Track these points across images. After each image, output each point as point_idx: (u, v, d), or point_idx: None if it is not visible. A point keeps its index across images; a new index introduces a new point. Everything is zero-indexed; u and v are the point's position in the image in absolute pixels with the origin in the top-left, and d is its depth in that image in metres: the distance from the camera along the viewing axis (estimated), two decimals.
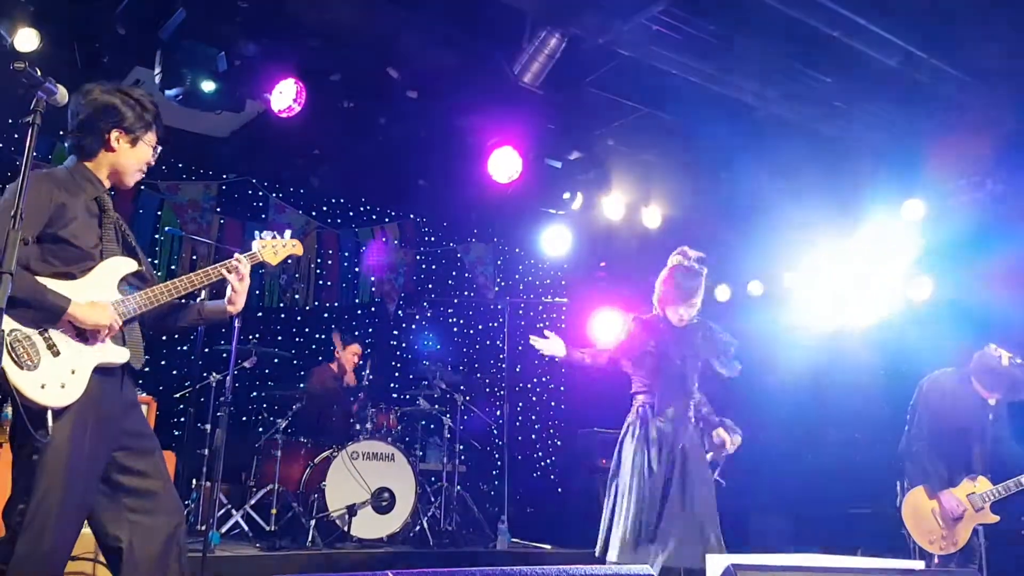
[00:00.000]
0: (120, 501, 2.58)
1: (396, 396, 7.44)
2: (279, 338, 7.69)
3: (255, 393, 7.25)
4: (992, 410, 4.70)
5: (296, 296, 7.92)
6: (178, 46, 5.01)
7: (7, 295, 2.18)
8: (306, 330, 7.97)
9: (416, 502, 6.13)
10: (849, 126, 5.95)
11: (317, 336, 8.01)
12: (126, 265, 2.70)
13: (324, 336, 7.99)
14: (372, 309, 8.42)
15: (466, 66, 5.58)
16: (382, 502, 5.97)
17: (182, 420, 6.63)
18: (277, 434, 6.09)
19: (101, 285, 2.61)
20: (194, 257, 7.34)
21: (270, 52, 5.32)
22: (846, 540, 5.68)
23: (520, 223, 8.59)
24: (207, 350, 6.05)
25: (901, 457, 4.79)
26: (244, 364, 6.09)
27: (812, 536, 5.86)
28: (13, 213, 2.25)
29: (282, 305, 7.86)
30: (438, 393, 6.93)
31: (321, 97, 5.60)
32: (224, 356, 5.57)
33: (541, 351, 4.38)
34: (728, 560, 2.74)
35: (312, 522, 5.72)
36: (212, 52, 5.03)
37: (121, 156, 2.74)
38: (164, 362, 7.02)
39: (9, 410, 2.49)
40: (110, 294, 2.62)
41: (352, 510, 5.78)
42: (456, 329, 8.91)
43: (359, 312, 8.33)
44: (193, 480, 5.87)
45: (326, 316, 8.11)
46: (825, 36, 4.87)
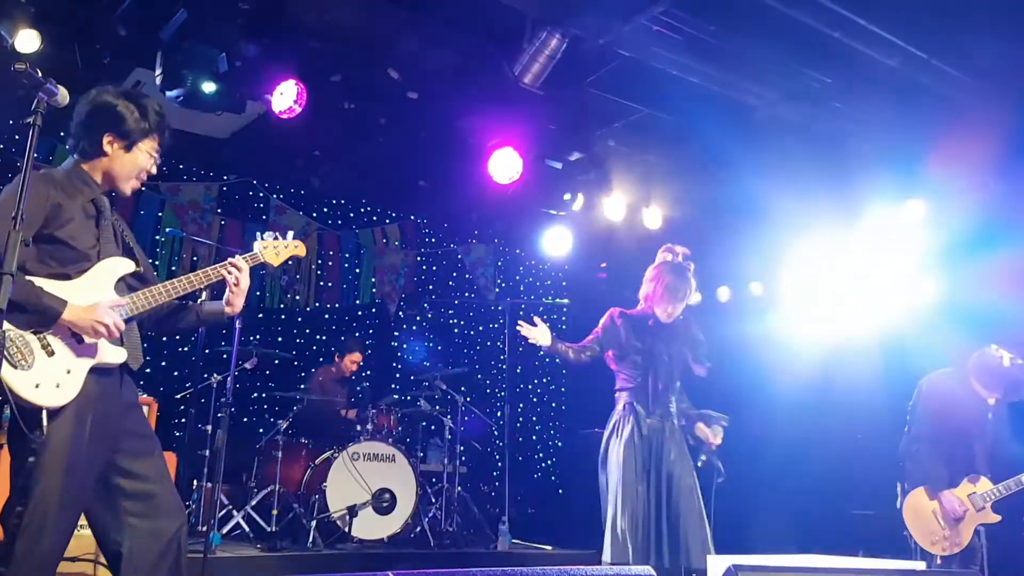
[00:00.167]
0: (120, 505, 2.57)
1: (397, 397, 7.43)
2: (280, 339, 7.69)
3: (256, 394, 7.27)
4: (992, 410, 4.70)
5: (297, 297, 7.92)
6: (179, 47, 5.00)
7: (7, 297, 2.18)
8: (307, 331, 7.97)
9: (417, 503, 6.13)
10: (849, 127, 5.94)
11: (318, 337, 8.01)
12: (124, 266, 2.68)
13: (325, 337, 7.99)
14: (373, 310, 8.42)
15: (466, 67, 5.58)
16: (383, 503, 5.96)
17: (183, 421, 6.63)
18: (278, 435, 6.09)
19: (97, 286, 2.59)
20: (195, 258, 7.34)
21: (271, 53, 5.32)
22: (847, 541, 5.68)
23: (521, 224, 8.59)
24: (208, 351, 6.05)
25: (901, 458, 4.79)
26: (245, 365, 6.09)
27: (813, 537, 5.84)
28: (14, 214, 2.24)
29: (283, 306, 7.86)
30: (439, 394, 6.93)
31: (322, 98, 5.60)
32: (225, 357, 5.57)
33: (528, 338, 4.40)
34: (729, 561, 2.74)
35: (313, 523, 5.72)
36: (213, 53, 5.02)
37: (115, 162, 2.70)
38: (165, 363, 7.02)
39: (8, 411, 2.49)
40: (106, 294, 2.60)
41: (353, 511, 5.79)
42: (457, 330, 8.91)
43: (360, 313, 8.33)
44: (194, 481, 5.87)
45: (327, 317, 8.12)
46: (825, 37, 4.86)
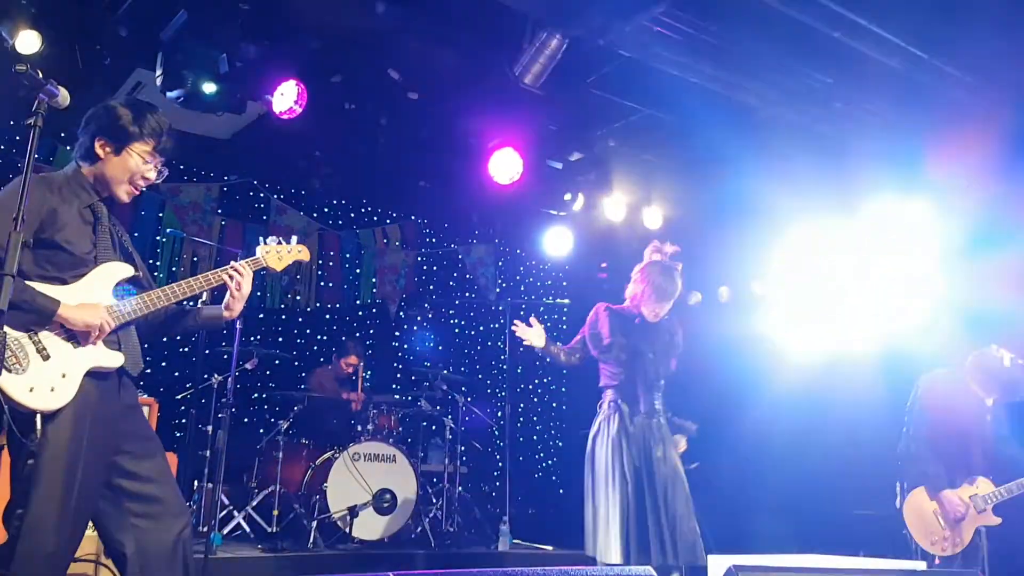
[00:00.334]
0: (124, 506, 2.57)
1: (397, 397, 7.43)
2: (280, 339, 7.69)
3: (257, 395, 7.26)
4: (990, 410, 4.68)
5: (297, 297, 7.92)
6: (179, 48, 5.00)
7: (8, 298, 2.18)
8: (307, 331, 7.97)
9: (417, 503, 6.13)
10: (850, 127, 5.94)
11: (319, 337, 8.00)
12: (121, 271, 2.68)
13: (325, 338, 7.99)
14: (373, 311, 8.42)
15: (467, 67, 5.58)
16: (383, 503, 5.96)
17: (184, 422, 6.63)
18: (279, 436, 6.10)
19: (93, 290, 2.59)
20: (195, 259, 7.35)
21: (271, 54, 5.32)
22: (848, 541, 5.67)
23: (521, 224, 8.60)
24: (208, 352, 6.06)
25: (900, 457, 4.78)
26: (245, 366, 6.09)
27: (814, 537, 5.84)
28: (15, 216, 2.25)
29: (283, 306, 7.86)
30: (439, 394, 6.93)
31: (322, 99, 5.60)
32: (225, 358, 5.57)
33: (522, 338, 4.42)
34: (729, 561, 2.74)
35: (314, 523, 5.71)
36: (213, 54, 5.02)
37: (107, 166, 2.68)
38: (166, 364, 7.03)
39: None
40: (103, 298, 2.60)
41: (354, 511, 5.79)
42: (457, 330, 8.91)
43: (360, 314, 8.33)
44: (195, 482, 5.87)
45: (327, 318, 8.12)
46: (826, 37, 4.86)
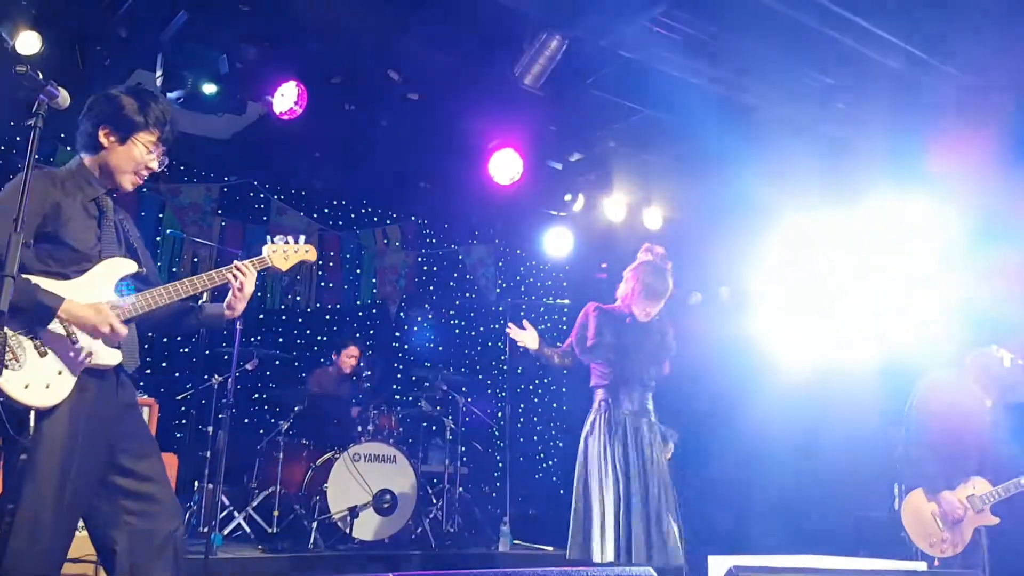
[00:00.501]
0: (117, 504, 2.55)
1: (398, 398, 7.43)
2: (280, 340, 7.69)
3: (257, 395, 7.26)
4: (989, 412, 4.67)
5: (298, 298, 7.92)
6: (180, 48, 5.01)
7: (9, 298, 2.18)
8: (308, 332, 7.97)
9: (418, 504, 6.13)
10: (850, 126, 5.95)
11: (319, 338, 8.00)
12: (125, 266, 2.66)
13: (326, 338, 7.99)
14: (374, 311, 8.42)
15: (467, 68, 5.58)
16: (384, 504, 5.97)
17: (184, 422, 6.63)
18: (279, 436, 6.10)
19: (96, 286, 2.57)
20: (195, 259, 7.35)
21: (271, 55, 5.32)
22: (848, 542, 5.67)
23: (521, 225, 8.60)
24: (209, 352, 6.07)
25: (899, 460, 4.77)
26: (246, 366, 6.10)
27: (814, 538, 5.84)
28: (15, 216, 2.24)
29: (284, 307, 7.86)
30: (440, 395, 6.93)
31: (322, 99, 5.60)
32: (226, 358, 5.58)
33: (516, 341, 4.44)
34: (730, 562, 2.74)
35: (314, 524, 5.71)
36: (214, 55, 5.03)
37: (111, 155, 2.68)
38: (166, 364, 7.03)
39: None
40: (106, 295, 2.58)
41: (354, 512, 5.78)
42: (458, 331, 8.91)
43: (360, 314, 8.33)
44: (195, 482, 5.86)
45: (328, 318, 8.12)
46: (826, 37, 4.86)
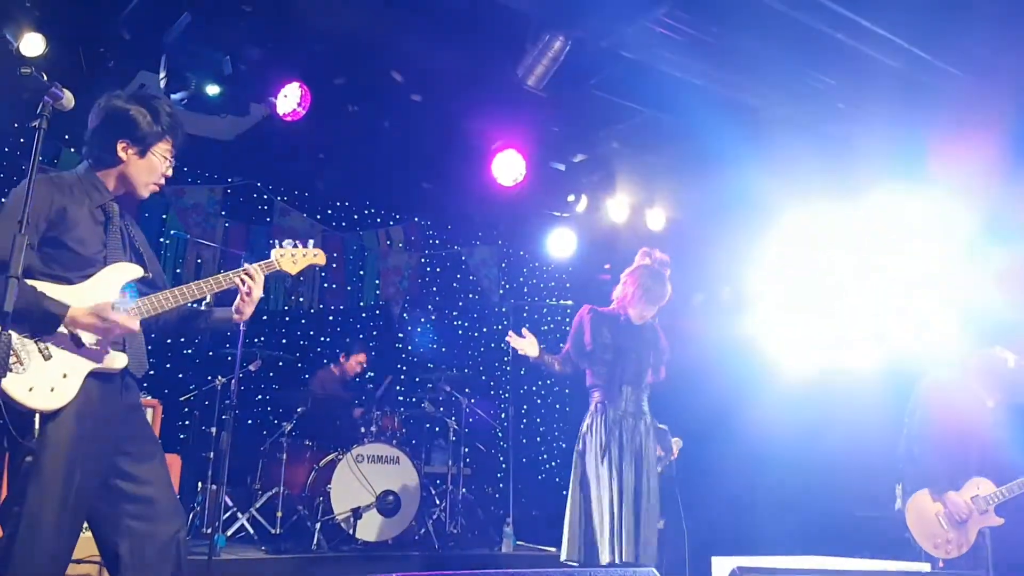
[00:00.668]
0: (119, 507, 2.56)
1: (401, 399, 7.43)
2: (284, 341, 7.69)
3: (260, 396, 7.27)
4: (992, 412, 4.66)
5: (301, 299, 7.93)
6: (183, 50, 5.01)
7: (14, 300, 2.18)
8: (311, 333, 7.98)
9: (421, 505, 6.13)
10: (853, 127, 5.94)
11: (322, 339, 8.01)
12: (130, 271, 2.67)
13: (329, 339, 8.00)
14: (377, 312, 8.42)
15: (470, 69, 5.58)
16: (387, 505, 5.97)
17: (187, 424, 6.65)
18: (282, 437, 6.11)
19: (101, 291, 2.58)
20: (199, 261, 7.36)
21: (275, 56, 5.33)
22: (852, 543, 5.66)
23: (525, 226, 8.59)
24: (212, 354, 6.08)
25: (901, 459, 4.75)
26: (249, 367, 6.11)
27: (818, 539, 5.83)
28: (20, 218, 2.25)
29: (287, 308, 7.87)
30: (443, 396, 6.93)
31: (326, 101, 5.60)
32: (229, 359, 5.59)
33: (516, 349, 4.45)
34: (734, 563, 2.74)
35: (317, 525, 5.72)
36: (217, 56, 5.03)
37: (130, 167, 2.70)
38: (169, 366, 7.03)
39: None
40: (110, 299, 2.58)
41: (357, 513, 5.79)
42: (461, 332, 8.91)
43: (364, 315, 8.34)
44: (198, 483, 5.88)
45: (331, 319, 8.12)
46: (828, 37, 4.86)
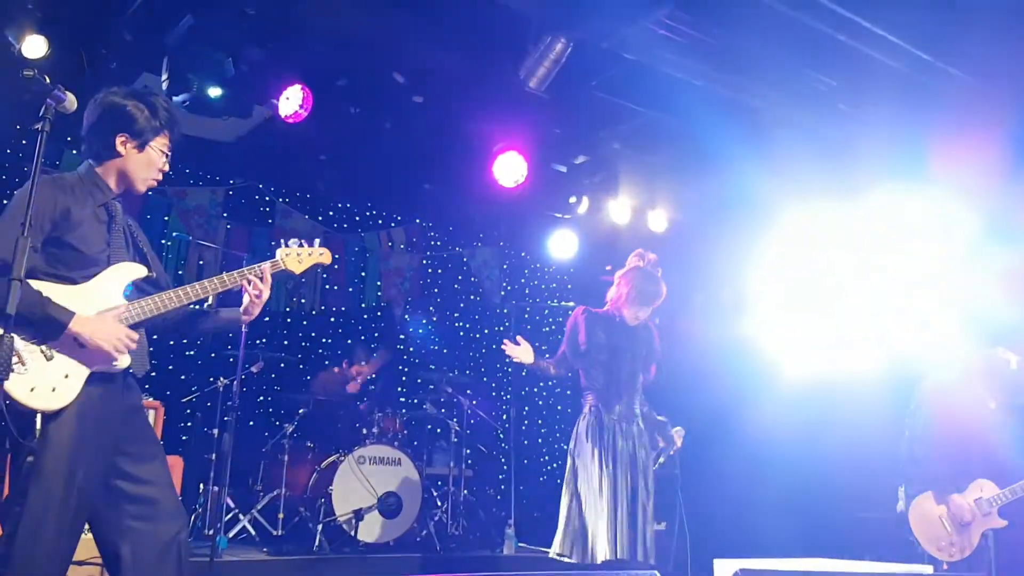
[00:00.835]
0: (121, 508, 2.56)
1: (403, 400, 7.43)
2: (286, 343, 7.69)
3: (262, 398, 7.27)
4: (994, 413, 4.65)
5: (302, 301, 7.93)
6: (185, 52, 5.02)
7: (16, 302, 2.18)
8: (312, 334, 7.98)
9: (423, 506, 6.13)
10: (854, 128, 5.94)
11: (324, 340, 8.01)
12: (134, 271, 2.67)
13: (331, 340, 8.00)
14: (378, 314, 8.42)
15: (472, 71, 5.59)
16: (389, 507, 5.97)
17: (189, 425, 6.65)
18: (284, 439, 6.11)
19: (105, 291, 2.58)
20: (201, 262, 7.36)
21: (277, 58, 5.33)
22: (854, 545, 5.65)
23: (526, 227, 8.60)
24: (214, 355, 6.08)
25: (903, 461, 4.74)
26: (251, 369, 6.11)
27: (820, 541, 5.83)
28: (23, 220, 2.25)
29: (288, 310, 7.86)
30: (444, 397, 6.93)
31: (328, 102, 5.62)
32: (231, 361, 5.60)
33: (512, 357, 4.46)
34: (737, 565, 2.74)
35: (319, 527, 5.72)
36: (219, 58, 5.03)
37: (129, 162, 2.70)
38: (171, 367, 7.03)
39: None
40: (114, 300, 2.59)
41: (359, 515, 5.78)
42: (462, 333, 8.91)
43: (365, 317, 8.34)
44: (200, 485, 5.88)
45: (333, 320, 8.12)
46: (829, 39, 4.86)
